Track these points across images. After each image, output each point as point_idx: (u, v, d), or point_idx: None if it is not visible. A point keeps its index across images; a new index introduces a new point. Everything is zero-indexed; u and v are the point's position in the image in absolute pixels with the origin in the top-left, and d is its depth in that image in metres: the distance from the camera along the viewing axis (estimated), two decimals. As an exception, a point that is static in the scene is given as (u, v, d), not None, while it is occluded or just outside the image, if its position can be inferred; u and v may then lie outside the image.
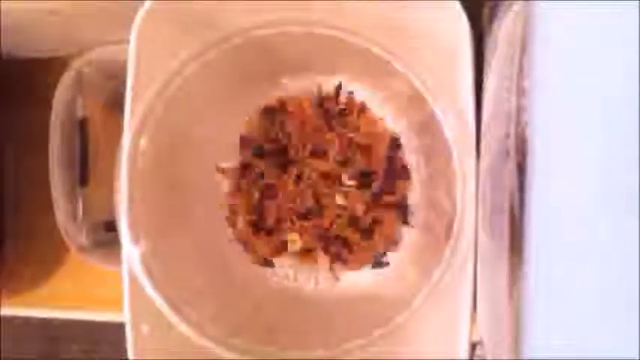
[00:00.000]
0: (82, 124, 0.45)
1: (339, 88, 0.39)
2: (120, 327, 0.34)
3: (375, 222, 0.39)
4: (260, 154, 0.40)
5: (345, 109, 0.40)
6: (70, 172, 0.44)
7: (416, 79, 0.33)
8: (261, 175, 0.40)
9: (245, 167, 0.40)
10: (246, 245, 0.40)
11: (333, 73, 0.39)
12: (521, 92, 0.23)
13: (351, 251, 0.39)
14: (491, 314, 0.28)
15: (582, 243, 0.22)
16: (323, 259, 0.39)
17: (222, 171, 0.40)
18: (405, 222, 0.39)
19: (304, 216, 0.39)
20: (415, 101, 0.34)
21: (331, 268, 0.39)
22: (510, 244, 0.23)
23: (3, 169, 0.48)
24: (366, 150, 0.39)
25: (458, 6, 0.32)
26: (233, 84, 0.38)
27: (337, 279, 0.39)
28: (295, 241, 0.39)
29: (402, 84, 0.34)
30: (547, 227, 0.22)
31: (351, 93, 0.39)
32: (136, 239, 0.34)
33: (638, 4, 0.21)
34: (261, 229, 0.40)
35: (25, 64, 0.48)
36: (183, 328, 0.34)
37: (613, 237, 0.21)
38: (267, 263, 0.40)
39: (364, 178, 0.39)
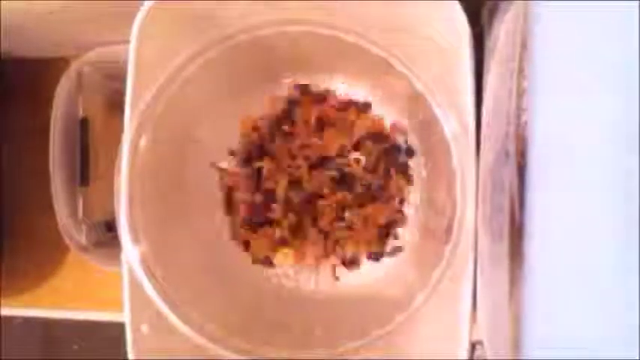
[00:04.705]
0: (82, 124, 0.45)
1: (338, 88, 0.39)
2: (120, 327, 0.34)
3: (375, 222, 0.39)
4: (260, 153, 0.40)
5: (345, 110, 0.40)
6: (70, 172, 0.44)
7: (416, 79, 0.33)
8: (261, 175, 0.40)
9: (245, 167, 0.40)
10: (246, 245, 0.40)
11: (332, 72, 0.39)
12: (521, 92, 0.23)
13: (349, 251, 0.39)
14: (491, 314, 0.28)
15: (582, 243, 0.22)
16: (322, 260, 0.39)
17: (222, 171, 0.40)
18: (405, 222, 0.39)
19: (303, 215, 0.39)
20: (415, 101, 0.34)
21: (331, 268, 0.39)
22: (510, 245, 0.23)
23: (2, 169, 0.48)
24: (366, 150, 0.39)
25: (458, 6, 0.32)
26: (233, 84, 0.38)
27: (337, 279, 0.39)
28: (287, 254, 0.39)
29: (402, 84, 0.34)
30: (547, 227, 0.22)
31: (353, 93, 0.39)
32: (135, 239, 0.34)
33: (638, 4, 0.21)
34: (261, 229, 0.40)
35: (25, 64, 0.48)
36: (183, 328, 0.34)
37: (612, 237, 0.21)
38: (267, 263, 0.40)
39: (364, 178, 0.39)
